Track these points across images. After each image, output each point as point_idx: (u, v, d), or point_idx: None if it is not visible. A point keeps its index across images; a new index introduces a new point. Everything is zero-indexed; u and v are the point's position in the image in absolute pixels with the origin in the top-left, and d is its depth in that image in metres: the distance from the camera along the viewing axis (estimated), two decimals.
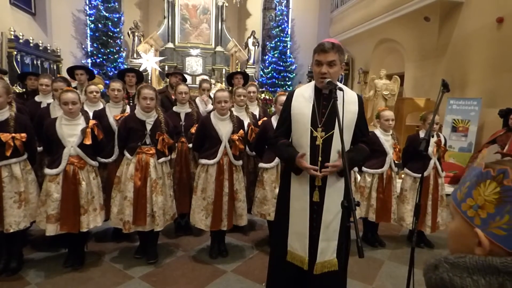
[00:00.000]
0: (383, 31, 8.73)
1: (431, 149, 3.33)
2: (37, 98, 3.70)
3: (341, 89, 1.82)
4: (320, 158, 1.89)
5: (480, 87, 6.38)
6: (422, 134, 3.42)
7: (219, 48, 11.95)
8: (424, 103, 7.07)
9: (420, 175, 2.42)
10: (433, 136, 3.34)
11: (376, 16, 8.59)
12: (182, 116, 3.57)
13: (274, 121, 3.15)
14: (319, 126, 1.91)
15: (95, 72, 9.89)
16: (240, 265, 3.00)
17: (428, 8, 7.00)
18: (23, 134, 2.62)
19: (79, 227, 2.68)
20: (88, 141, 2.71)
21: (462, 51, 6.75)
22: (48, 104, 3.48)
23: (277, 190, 2.72)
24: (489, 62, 6.15)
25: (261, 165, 3.21)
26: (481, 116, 6.22)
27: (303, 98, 1.97)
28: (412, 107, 7.10)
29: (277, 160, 3.08)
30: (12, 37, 7.66)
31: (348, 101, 1.88)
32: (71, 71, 4.56)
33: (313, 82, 2.04)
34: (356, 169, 3.46)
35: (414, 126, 6.24)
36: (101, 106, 3.56)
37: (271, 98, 9.68)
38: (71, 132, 2.70)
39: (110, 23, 10.45)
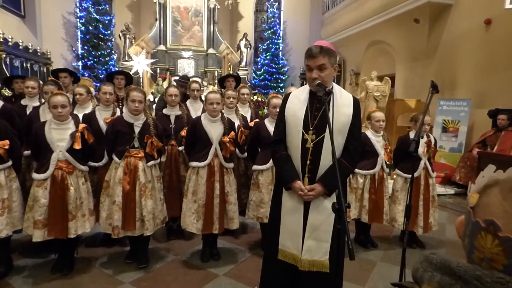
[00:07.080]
0: (374, 33, 8.81)
1: (421, 149, 3.35)
2: (23, 102, 3.63)
3: (331, 92, 1.81)
4: (308, 162, 1.88)
5: (470, 88, 6.46)
6: (412, 135, 3.43)
7: (211, 50, 11.94)
8: (415, 104, 7.14)
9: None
10: (422, 137, 3.36)
11: (367, 18, 8.67)
12: (172, 119, 3.53)
13: (267, 123, 3.14)
14: (311, 129, 1.90)
15: (86, 74, 9.87)
16: (232, 269, 2.97)
17: (418, 10, 7.08)
18: (6, 142, 2.56)
19: (67, 233, 2.62)
20: (77, 146, 2.64)
21: (451, 53, 6.84)
22: (34, 107, 3.43)
23: None
24: (478, 64, 6.23)
25: (256, 167, 3.14)
26: (470, 116, 6.30)
27: (298, 100, 1.98)
28: (403, 108, 7.16)
29: (271, 161, 3.05)
30: (1, 40, 7.56)
31: (341, 103, 1.87)
32: (55, 74, 4.51)
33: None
34: None
35: (406, 127, 6.29)
36: (90, 107, 3.51)
37: (263, 100, 9.68)
38: (60, 137, 2.64)
39: (101, 26, 10.38)
